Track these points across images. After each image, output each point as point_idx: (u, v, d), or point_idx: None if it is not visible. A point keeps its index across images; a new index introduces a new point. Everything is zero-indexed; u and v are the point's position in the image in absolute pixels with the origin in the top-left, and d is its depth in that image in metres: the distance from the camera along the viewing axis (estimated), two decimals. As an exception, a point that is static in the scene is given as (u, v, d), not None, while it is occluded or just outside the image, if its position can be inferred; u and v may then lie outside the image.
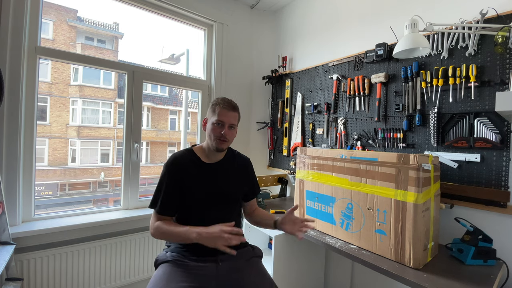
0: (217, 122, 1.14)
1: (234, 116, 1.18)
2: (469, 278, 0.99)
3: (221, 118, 1.14)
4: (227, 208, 1.21)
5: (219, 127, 1.14)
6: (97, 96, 8.32)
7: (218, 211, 1.17)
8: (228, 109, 1.16)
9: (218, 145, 1.15)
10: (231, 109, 1.17)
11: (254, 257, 1.20)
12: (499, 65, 1.22)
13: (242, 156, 1.34)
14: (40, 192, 7.34)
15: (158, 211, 1.13)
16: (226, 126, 1.15)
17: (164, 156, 9.83)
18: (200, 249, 1.01)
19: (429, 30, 1.19)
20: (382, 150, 1.67)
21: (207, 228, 0.99)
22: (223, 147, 1.17)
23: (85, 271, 1.66)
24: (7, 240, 1.34)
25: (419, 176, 1.04)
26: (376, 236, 1.18)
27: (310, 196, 1.50)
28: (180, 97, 10.22)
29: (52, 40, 7.85)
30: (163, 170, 1.17)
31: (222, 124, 1.14)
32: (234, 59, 2.43)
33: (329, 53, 2.06)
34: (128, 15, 18.01)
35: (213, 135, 1.15)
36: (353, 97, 1.84)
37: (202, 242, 0.97)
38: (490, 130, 1.23)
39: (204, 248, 0.98)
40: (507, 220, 1.20)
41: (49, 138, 7.80)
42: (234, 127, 1.19)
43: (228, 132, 1.15)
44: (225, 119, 1.14)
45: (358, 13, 1.88)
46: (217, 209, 1.17)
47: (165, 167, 1.17)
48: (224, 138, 1.14)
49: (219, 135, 1.14)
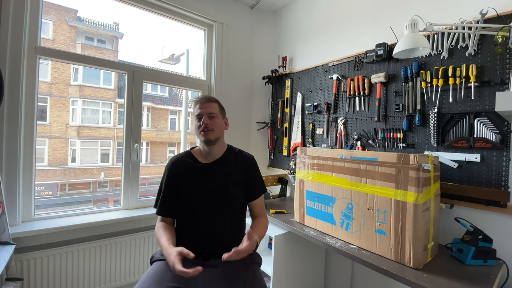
0: (197, 116, 1.19)
1: (211, 105, 1.20)
2: (469, 278, 0.99)
3: (198, 111, 1.18)
4: (223, 208, 1.17)
5: (199, 120, 1.18)
6: (97, 96, 8.31)
7: (212, 210, 1.15)
8: (203, 101, 1.19)
9: (204, 137, 1.16)
10: (206, 101, 1.20)
11: (252, 264, 1.15)
12: (499, 65, 1.22)
13: (244, 154, 1.30)
14: (40, 192, 7.34)
15: (157, 212, 1.20)
16: (204, 116, 1.17)
17: (164, 156, 9.82)
18: (194, 251, 1.01)
19: (429, 30, 1.19)
20: (382, 150, 1.67)
21: (168, 255, 0.97)
22: (210, 137, 1.16)
23: (85, 271, 1.66)
24: (7, 240, 1.34)
25: (419, 176, 1.04)
26: (376, 236, 1.17)
27: (310, 196, 1.50)
28: (180, 97, 10.21)
29: (52, 40, 7.85)
30: (163, 172, 1.24)
31: (200, 116, 1.18)
32: (234, 59, 2.43)
33: (329, 53, 2.06)
34: (128, 15, 18.01)
35: (197, 129, 1.18)
36: (353, 97, 1.84)
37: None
38: (490, 130, 1.23)
39: (198, 250, 1.01)
40: (507, 220, 1.20)
41: (49, 138, 7.79)
42: (214, 115, 1.19)
43: (208, 121, 1.16)
44: (202, 111, 1.18)
45: (358, 13, 1.88)
46: (211, 208, 1.15)
47: (164, 169, 1.24)
48: (205, 127, 1.15)
49: (200, 126, 1.16)
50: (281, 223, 1.59)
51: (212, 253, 1.08)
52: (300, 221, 1.56)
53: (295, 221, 1.59)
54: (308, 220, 1.52)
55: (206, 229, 1.14)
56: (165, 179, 1.21)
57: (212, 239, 1.13)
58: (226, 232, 1.16)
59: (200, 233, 1.14)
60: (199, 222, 1.14)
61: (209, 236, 1.13)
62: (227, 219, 1.17)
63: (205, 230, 1.14)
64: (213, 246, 1.11)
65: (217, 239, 1.14)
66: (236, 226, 1.22)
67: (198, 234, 1.14)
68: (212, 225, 1.14)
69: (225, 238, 1.15)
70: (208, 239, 1.13)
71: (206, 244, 1.12)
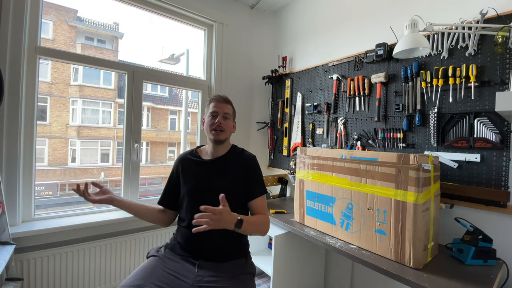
0: (211, 114, 1.21)
1: (227, 107, 1.24)
2: (469, 278, 0.99)
3: (214, 109, 1.21)
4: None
5: (213, 118, 1.20)
6: (97, 96, 8.32)
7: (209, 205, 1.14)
8: (220, 101, 1.23)
9: (215, 136, 1.18)
10: (223, 101, 1.23)
11: (243, 274, 1.11)
12: (499, 65, 1.22)
13: (246, 153, 1.29)
14: (40, 192, 7.35)
15: (158, 201, 1.29)
16: (220, 115, 1.20)
17: (164, 156, 9.83)
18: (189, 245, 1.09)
19: (429, 30, 1.19)
20: (382, 150, 1.67)
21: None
22: (220, 138, 1.19)
23: (85, 271, 1.66)
24: (7, 240, 1.34)
25: (419, 176, 1.04)
26: (376, 236, 1.17)
27: (310, 196, 1.50)
28: (180, 97, 10.22)
29: (52, 40, 7.85)
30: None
31: (215, 114, 1.20)
32: (234, 59, 2.43)
33: (329, 53, 2.06)
34: (128, 15, 18.00)
35: (209, 126, 1.20)
36: (353, 97, 1.84)
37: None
38: (490, 130, 1.23)
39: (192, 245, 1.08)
40: (507, 220, 1.20)
41: (49, 138, 7.79)
42: (228, 117, 1.23)
43: (223, 121, 1.19)
44: (218, 110, 1.20)
45: (358, 13, 1.88)
46: (207, 203, 1.11)
47: (173, 165, 1.32)
48: (219, 127, 1.18)
49: (214, 124, 1.18)
50: (281, 223, 1.59)
51: (205, 249, 1.11)
52: (300, 221, 1.56)
53: (295, 221, 1.59)
54: (308, 220, 1.52)
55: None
56: (170, 173, 1.29)
57: (206, 234, 1.09)
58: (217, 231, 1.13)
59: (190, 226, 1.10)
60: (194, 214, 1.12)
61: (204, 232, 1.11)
62: None
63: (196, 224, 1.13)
64: (207, 242, 1.10)
65: (212, 235, 1.07)
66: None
67: (189, 226, 1.11)
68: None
69: (220, 235, 1.08)
70: (202, 235, 1.10)
71: (200, 240, 1.09)
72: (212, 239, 1.10)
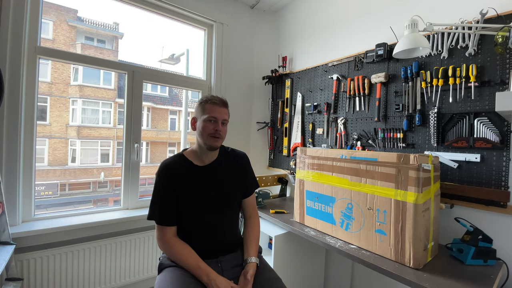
0: (209, 118, 1.10)
1: (226, 112, 1.16)
2: (469, 278, 0.99)
3: (213, 114, 1.10)
4: (224, 211, 1.16)
5: (211, 123, 1.10)
6: (97, 96, 8.31)
7: (214, 213, 1.13)
8: (220, 105, 1.12)
9: (212, 143, 1.10)
10: (222, 105, 1.14)
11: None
12: (499, 65, 1.22)
13: (237, 152, 1.27)
14: (40, 192, 7.34)
15: (159, 222, 1.08)
16: (219, 122, 1.11)
17: (164, 156, 9.80)
18: (201, 254, 1.07)
19: (429, 30, 1.19)
20: (382, 150, 1.67)
21: (217, 280, 0.98)
22: (217, 145, 1.12)
23: (85, 271, 1.66)
24: (7, 240, 1.34)
25: (419, 176, 1.04)
26: (376, 236, 1.17)
27: (310, 196, 1.50)
28: (180, 97, 10.21)
29: (52, 40, 7.84)
30: (155, 179, 1.12)
31: (214, 120, 1.10)
32: (234, 59, 2.43)
33: (329, 53, 2.06)
34: (128, 15, 17.99)
35: (206, 132, 1.09)
36: (353, 97, 1.83)
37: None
38: (490, 130, 1.23)
39: (204, 252, 1.06)
40: (507, 220, 1.20)
41: (49, 138, 7.79)
42: (226, 123, 1.16)
43: (222, 129, 1.12)
44: (217, 115, 1.10)
45: (358, 13, 1.88)
46: (212, 212, 1.13)
47: (156, 176, 1.12)
48: (218, 134, 1.10)
49: (213, 131, 1.09)
50: (281, 223, 1.59)
51: (218, 252, 1.12)
52: (300, 221, 1.56)
53: (295, 221, 1.59)
54: (308, 220, 1.52)
55: (208, 230, 1.12)
56: (159, 186, 1.10)
57: (213, 238, 1.13)
58: (224, 230, 1.16)
59: (201, 234, 1.12)
60: (201, 224, 1.12)
61: (210, 237, 1.13)
62: (227, 219, 1.18)
63: (207, 231, 1.12)
64: (215, 245, 1.13)
65: (218, 238, 1.14)
66: (234, 223, 1.23)
67: (199, 235, 1.12)
68: (215, 225, 1.14)
69: (225, 236, 1.16)
70: (209, 240, 1.13)
71: (208, 245, 1.12)
72: (221, 241, 1.15)
